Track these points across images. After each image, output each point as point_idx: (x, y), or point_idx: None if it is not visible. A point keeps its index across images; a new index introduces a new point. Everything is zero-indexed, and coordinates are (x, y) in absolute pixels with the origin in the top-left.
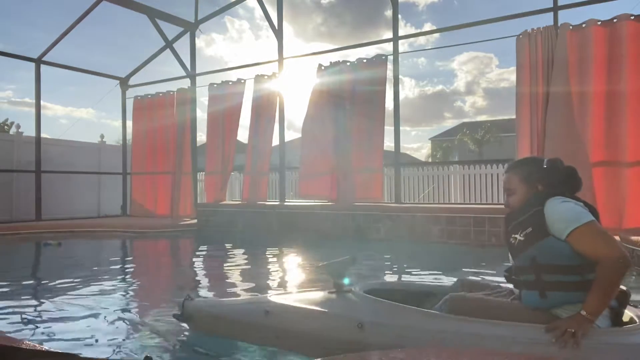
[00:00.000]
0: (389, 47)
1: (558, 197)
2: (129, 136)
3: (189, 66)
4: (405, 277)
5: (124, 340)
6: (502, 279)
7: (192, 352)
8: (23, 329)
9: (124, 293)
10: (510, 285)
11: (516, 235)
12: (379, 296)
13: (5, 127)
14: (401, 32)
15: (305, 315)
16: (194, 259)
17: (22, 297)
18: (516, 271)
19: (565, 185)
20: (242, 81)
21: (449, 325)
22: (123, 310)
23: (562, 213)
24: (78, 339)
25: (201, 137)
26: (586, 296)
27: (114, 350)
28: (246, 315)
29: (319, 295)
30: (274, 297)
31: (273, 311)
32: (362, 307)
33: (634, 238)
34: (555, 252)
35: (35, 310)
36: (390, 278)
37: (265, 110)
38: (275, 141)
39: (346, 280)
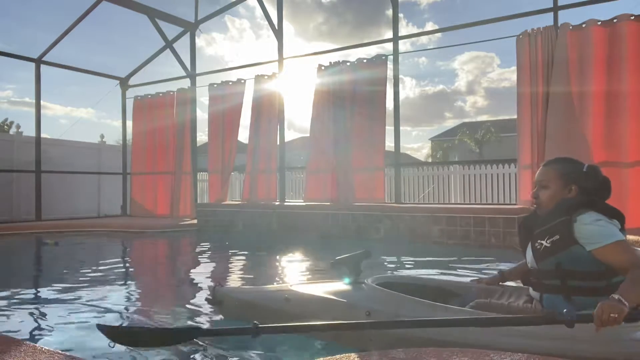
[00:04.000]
0: (390, 46)
1: (591, 212)
2: (129, 136)
3: (189, 66)
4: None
5: None
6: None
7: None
8: (23, 329)
9: (124, 292)
10: (527, 288)
11: (542, 241)
12: (390, 289)
13: (5, 127)
14: (403, 31)
15: (321, 304)
16: (195, 259)
17: (23, 297)
18: (539, 275)
19: (598, 193)
20: (242, 81)
21: (455, 317)
22: (124, 310)
23: (595, 231)
24: (79, 339)
25: (201, 137)
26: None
27: (113, 348)
28: (269, 301)
29: (334, 286)
30: (294, 286)
31: (292, 299)
32: (372, 297)
33: (634, 238)
34: (581, 260)
35: (35, 310)
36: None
37: (266, 110)
38: (276, 141)
39: (346, 280)
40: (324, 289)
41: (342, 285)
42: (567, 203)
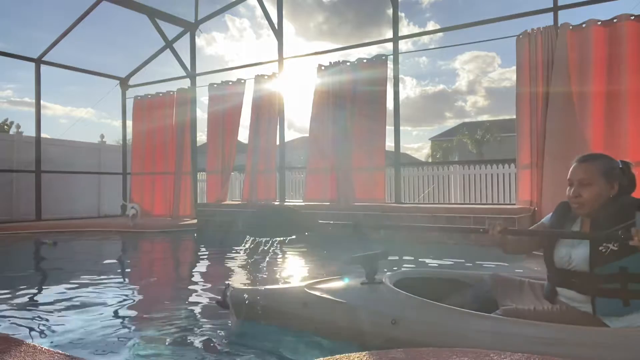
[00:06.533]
0: (390, 46)
1: None
2: (129, 136)
3: (189, 66)
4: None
5: (123, 340)
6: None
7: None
8: (23, 329)
9: (125, 293)
10: (543, 282)
11: (608, 245)
12: (407, 285)
13: (5, 127)
14: (405, 31)
15: (341, 308)
16: (196, 259)
17: (22, 297)
18: (594, 278)
19: (630, 188)
20: (242, 81)
21: (486, 324)
22: (123, 311)
23: None
24: (79, 339)
25: (201, 137)
26: None
27: (112, 350)
28: (285, 304)
29: (351, 287)
30: (311, 287)
31: (311, 302)
32: (396, 303)
33: None
34: None
35: (35, 310)
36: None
37: (266, 110)
38: (276, 141)
39: (346, 279)
40: (342, 290)
41: (359, 286)
42: (629, 202)
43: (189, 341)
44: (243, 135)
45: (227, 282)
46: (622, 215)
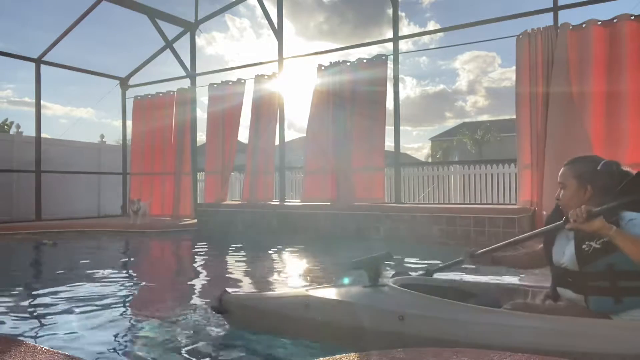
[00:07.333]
0: (391, 46)
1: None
2: (129, 136)
3: (189, 66)
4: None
5: (122, 341)
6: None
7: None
8: (23, 329)
9: (124, 294)
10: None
11: (591, 243)
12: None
13: (5, 127)
14: (405, 30)
15: (346, 309)
16: (196, 260)
17: (22, 298)
18: (584, 277)
19: (615, 191)
20: (242, 81)
21: (494, 318)
22: (122, 312)
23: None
24: (79, 339)
25: (202, 137)
26: None
27: (111, 350)
28: (286, 308)
29: (354, 289)
30: (313, 290)
31: (313, 305)
32: (402, 300)
33: None
34: None
35: (35, 310)
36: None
37: (266, 110)
38: (275, 141)
39: (345, 280)
40: (345, 292)
41: (363, 288)
42: (610, 202)
43: (188, 344)
44: (243, 135)
45: (223, 287)
46: (604, 215)
